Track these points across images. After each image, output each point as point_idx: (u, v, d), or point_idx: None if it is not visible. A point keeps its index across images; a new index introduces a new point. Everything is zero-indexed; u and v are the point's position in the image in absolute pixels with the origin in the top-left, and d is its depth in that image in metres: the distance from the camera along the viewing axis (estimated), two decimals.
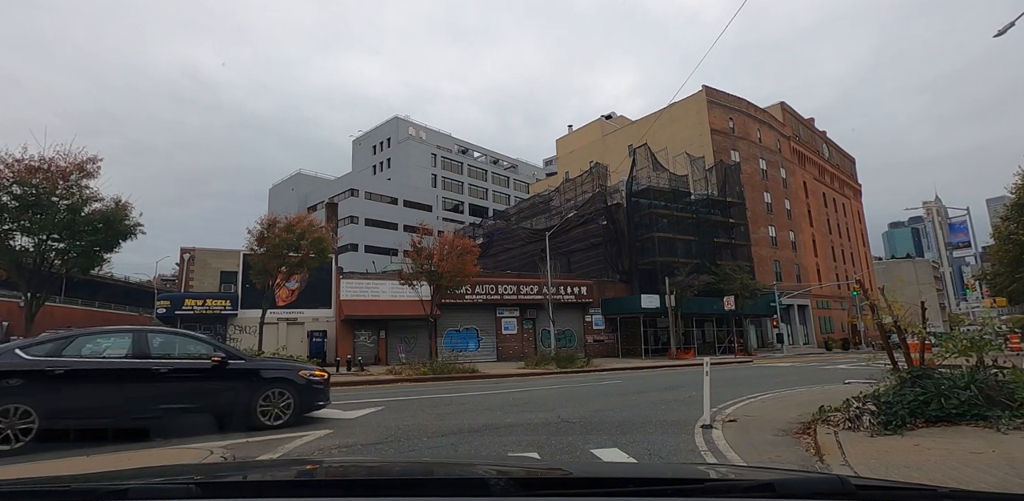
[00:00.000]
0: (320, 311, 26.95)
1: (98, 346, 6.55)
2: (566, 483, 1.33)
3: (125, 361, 6.31)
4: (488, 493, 1.12)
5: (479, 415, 7.56)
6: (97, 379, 6.11)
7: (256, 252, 13.59)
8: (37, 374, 5.85)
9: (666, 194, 36.76)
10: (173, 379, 6.38)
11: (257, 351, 13.14)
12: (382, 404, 8.89)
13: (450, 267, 16.98)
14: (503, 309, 30.09)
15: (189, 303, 23.66)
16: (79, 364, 6.08)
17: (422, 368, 15.17)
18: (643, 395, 9.93)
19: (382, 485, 1.28)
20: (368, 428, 6.64)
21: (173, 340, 7.14)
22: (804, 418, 6.45)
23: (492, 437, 5.85)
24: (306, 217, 14.29)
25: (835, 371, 16.11)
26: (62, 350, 6.15)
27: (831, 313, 51.53)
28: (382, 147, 71.64)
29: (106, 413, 6.01)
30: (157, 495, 1.15)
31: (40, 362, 5.93)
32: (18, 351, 6.04)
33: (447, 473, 1.56)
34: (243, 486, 1.26)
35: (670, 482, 1.19)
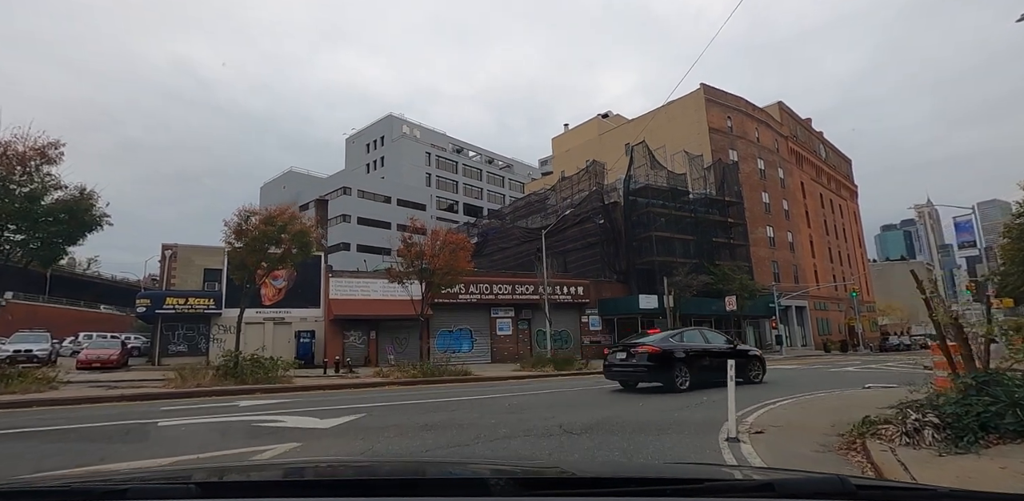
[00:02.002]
0: (308, 310, 26.03)
1: (691, 338, 12.23)
2: (566, 483, 1.32)
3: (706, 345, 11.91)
4: (488, 493, 1.10)
5: (471, 424, 6.74)
6: (700, 354, 11.45)
7: (234, 246, 12.72)
8: (683, 351, 11.22)
9: (664, 193, 36.09)
10: (720, 356, 10.68)
11: (235, 352, 12.25)
12: (364, 411, 8.05)
13: (442, 263, 16.11)
14: (498, 309, 29.27)
15: (171, 301, 22.68)
16: (690, 348, 11.47)
17: (412, 370, 14.30)
18: (648, 400, 9.14)
19: (383, 485, 1.25)
20: (343, 440, 5.82)
21: (714, 335, 13.23)
22: (840, 428, 5.68)
23: (485, 450, 5.08)
24: (288, 209, 13.43)
25: (846, 375, 15.40)
26: (681, 340, 11.84)
27: (828, 315, 51.04)
28: (376, 145, 70.70)
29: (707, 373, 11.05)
30: (157, 495, 1.13)
31: (682, 347, 11.36)
32: (671, 340, 11.73)
33: (448, 473, 1.54)
34: (243, 486, 1.25)
35: (670, 482, 1.19)
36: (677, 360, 10.91)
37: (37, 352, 21.11)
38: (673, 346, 11.21)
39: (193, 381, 10.82)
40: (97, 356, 20.92)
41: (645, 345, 11.13)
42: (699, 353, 11.37)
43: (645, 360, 10.77)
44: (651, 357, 10.76)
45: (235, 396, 10.30)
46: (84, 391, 10.81)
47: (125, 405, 9.42)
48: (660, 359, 10.77)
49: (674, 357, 10.93)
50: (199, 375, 11.35)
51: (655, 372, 10.81)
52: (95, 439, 6.01)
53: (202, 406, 8.82)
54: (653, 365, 10.72)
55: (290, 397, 10.40)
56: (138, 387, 11.51)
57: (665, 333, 12.70)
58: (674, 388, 10.54)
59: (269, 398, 10.10)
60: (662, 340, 11.59)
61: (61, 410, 8.65)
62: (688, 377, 10.82)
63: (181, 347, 23.44)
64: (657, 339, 11.77)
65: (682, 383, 10.70)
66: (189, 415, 7.71)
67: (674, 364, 10.83)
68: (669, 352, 10.97)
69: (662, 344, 11.20)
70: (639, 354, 10.92)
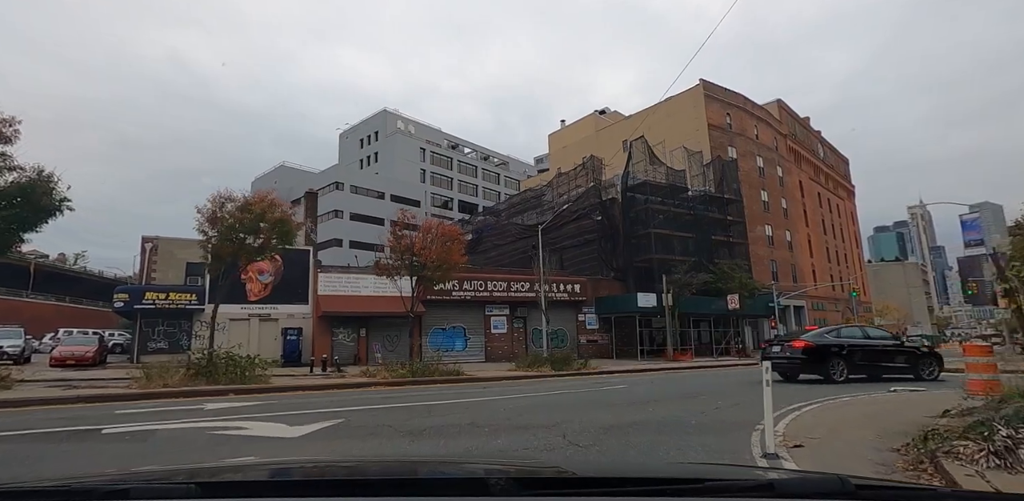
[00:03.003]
0: (296, 307, 25.10)
1: (850, 333, 12.65)
2: (566, 483, 1.32)
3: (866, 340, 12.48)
4: (488, 493, 1.09)
5: (461, 432, 5.91)
6: (859, 349, 12.09)
7: (208, 235, 11.79)
8: (840, 346, 11.91)
9: (663, 189, 35.34)
10: (884, 351, 12.27)
11: (207, 350, 11.34)
12: (343, 416, 7.19)
13: (433, 256, 15.19)
14: (492, 307, 28.44)
15: (150, 296, 21.68)
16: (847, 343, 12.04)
17: (400, 370, 13.40)
18: (659, 405, 8.32)
19: (383, 484, 1.25)
20: (311, 453, 4.98)
21: (878, 331, 13.80)
22: (890, 441, 4.89)
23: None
24: (267, 195, 12.47)
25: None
26: (838, 335, 12.37)
27: (826, 315, 50.50)
28: (369, 141, 69.65)
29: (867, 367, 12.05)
30: (157, 495, 1.13)
31: (837, 342, 12.02)
32: (826, 335, 12.33)
33: (448, 472, 1.52)
34: (243, 486, 1.24)
35: (670, 482, 1.19)
36: (832, 354, 11.72)
37: (7, 348, 20.08)
38: (827, 341, 11.98)
39: (160, 381, 9.92)
40: (71, 353, 19.90)
41: (797, 340, 12.15)
42: (857, 348, 12.04)
43: (798, 354, 11.74)
44: (804, 351, 11.70)
45: (204, 398, 9.41)
46: (39, 391, 9.90)
47: (81, 407, 8.52)
48: (813, 353, 11.67)
49: (829, 351, 11.74)
50: (169, 374, 10.45)
51: (809, 364, 11.78)
52: (17, 452, 5.12)
53: (164, 409, 7.94)
54: (806, 358, 11.66)
55: (265, 399, 9.52)
56: (101, 387, 10.59)
57: (823, 329, 13.47)
58: (831, 379, 11.46)
59: (241, 400, 9.21)
60: (816, 335, 12.46)
61: (1, 414, 7.74)
62: (845, 370, 11.66)
63: (162, 344, 22.46)
64: (811, 334, 12.63)
65: (839, 375, 11.57)
66: (143, 420, 6.83)
67: (829, 358, 11.65)
68: (822, 346, 11.78)
69: (815, 339, 12.08)
70: (792, 348, 11.95)
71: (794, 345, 12.01)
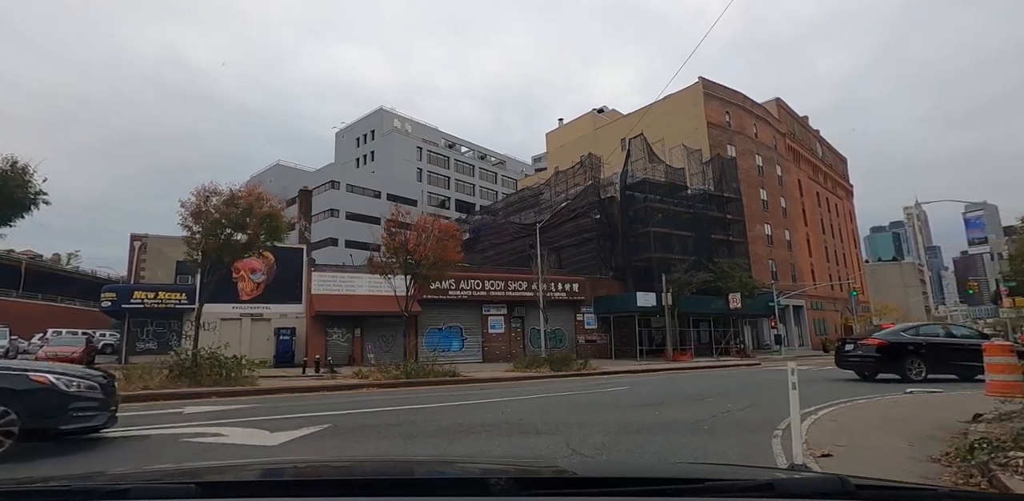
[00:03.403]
0: (289, 306, 24.60)
1: (929, 331, 12.37)
2: (566, 483, 1.32)
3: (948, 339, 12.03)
4: (488, 492, 1.09)
5: (455, 441, 5.45)
6: (939, 347, 11.70)
7: (192, 230, 11.28)
8: (917, 344, 11.64)
9: (662, 187, 34.94)
10: (970, 350, 10.72)
11: (191, 350, 10.85)
12: (328, 421, 6.72)
13: (428, 253, 14.69)
14: (490, 306, 27.98)
15: (138, 295, 21.15)
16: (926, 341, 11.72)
17: (394, 371, 12.93)
18: (667, 408, 7.88)
19: (384, 484, 1.24)
20: None
21: (961, 328, 13.30)
22: (924, 449, 4.47)
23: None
24: (254, 189, 11.96)
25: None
26: (916, 333, 12.05)
27: (825, 315, 50.24)
28: (366, 140, 69.14)
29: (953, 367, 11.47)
30: (157, 495, 1.13)
31: (914, 340, 11.75)
32: (903, 333, 12.02)
33: (448, 472, 1.52)
34: (243, 486, 1.24)
35: (670, 482, 1.19)
36: (909, 352, 11.42)
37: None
38: (903, 339, 11.68)
39: (140, 383, 9.44)
40: (56, 353, 19.34)
41: (871, 338, 11.96)
42: (938, 346, 11.72)
43: (872, 351, 11.50)
44: (879, 349, 11.45)
45: (186, 400, 8.93)
46: None
47: None
48: (887, 351, 11.40)
49: (905, 349, 11.44)
50: (150, 376, 9.97)
51: (883, 363, 11.51)
52: None
53: (139, 413, 7.46)
54: (880, 357, 11.41)
55: (250, 402, 9.04)
56: None
57: (900, 326, 13.21)
58: (908, 378, 11.12)
59: (224, 403, 8.73)
60: (891, 333, 12.16)
61: None
62: (924, 368, 11.32)
63: (150, 344, 21.93)
64: (886, 332, 12.37)
65: (916, 374, 11.24)
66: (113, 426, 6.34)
67: (905, 356, 11.36)
68: (898, 344, 11.48)
69: (889, 337, 11.78)
70: (865, 346, 11.74)
71: (868, 343, 11.78)
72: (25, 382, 5.05)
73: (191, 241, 11.46)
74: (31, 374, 5.17)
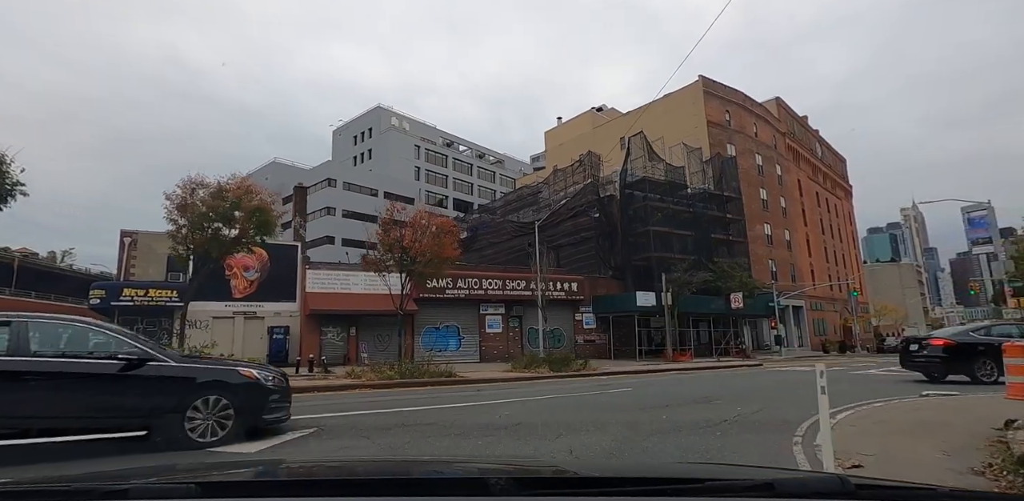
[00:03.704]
0: (283, 304, 24.15)
1: (1002, 331, 11.38)
2: (566, 483, 1.32)
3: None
4: (488, 492, 1.09)
5: (448, 448, 5.04)
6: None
7: (177, 224, 10.81)
8: (988, 345, 10.67)
9: (662, 186, 34.59)
10: None
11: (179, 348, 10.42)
12: (315, 424, 6.31)
13: (424, 250, 14.25)
14: (487, 305, 27.58)
15: (128, 293, 20.68)
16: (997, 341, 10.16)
17: (388, 371, 12.51)
18: (674, 412, 7.49)
19: (384, 484, 1.24)
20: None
21: None
22: (962, 459, 4.09)
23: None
24: (243, 181, 11.49)
25: (876, 378, 13.88)
26: (988, 333, 11.30)
27: (824, 315, 49.97)
28: (363, 138, 68.64)
29: None
30: (157, 495, 1.13)
31: (984, 340, 10.97)
32: (972, 333, 11.44)
33: (448, 472, 1.51)
34: (243, 486, 1.24)
35: (670, 482, 1.20)
36: (979, 352, 10.97)
37: None
38: (972, 339, 11.28)
39: None
40: None
41: (936, 338, 11.66)
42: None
43: (939, 352, 11.15)
44: (945, 349, 11.10)
45: None
46: None
47: None
48: (955, 351, 11.02)
49: (975, 350, 11.01)
50: None
51: (950, 364, 11.12)
52: None
53: None
54: (947, 357, 11.05)
55: None
56: None
57: (968, 326, 13.01)
58: (977, 380, 10.70)
59: None
60: (960, 333, 11.87)
61: None
62: (996, 371, 10.71)
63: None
64: (953, 332, 12.20)
65: (987, 376, 10.77)
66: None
67: (975, 357, 10.94)
68: (966, 344, 11.08)
69: (957, 337, 11.48)
70: (930, 346, 11.40)
71: (933, 343, 11.44)
72: (237, 377, 5.54)
73: (176, 235, 11.00)
74: (241, 369, 5.73)
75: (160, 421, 5.04)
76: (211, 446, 5.07)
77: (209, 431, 5.17)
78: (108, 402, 4.94)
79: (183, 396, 5.15)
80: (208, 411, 5.20)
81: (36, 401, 4.74)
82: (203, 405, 5.19)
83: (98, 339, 5.36)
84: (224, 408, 5.27)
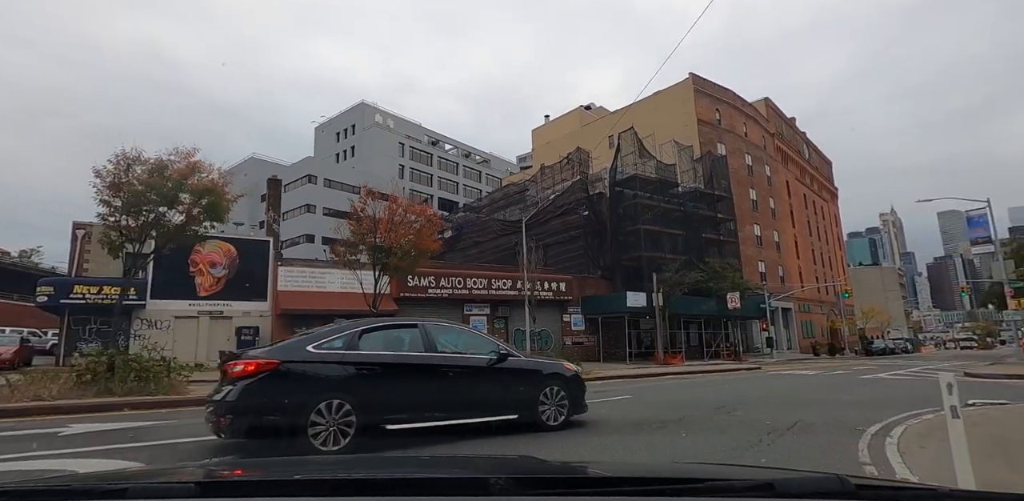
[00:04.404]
0: (252, 303, 22.60)
1: None
2: (566, 483, 1.31)
3: None
4: (488, 493, 1.10)
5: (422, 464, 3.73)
6: None
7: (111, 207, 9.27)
8: None
9: (652, 184, 33.65)
10: None
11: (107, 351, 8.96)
12: (242, 448, 4.96)
13: (400, 239, 12.87)
14: (472, 306, 26.29)
15: (79, 290, 18.99)
16: None
17: None
18: (692, 427, 6.26)
19: (384, 484, 1.24)
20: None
21: None
22: None
23: None
24: (188, 157, 9.95)
25: (889, 382, 12.88)
26: None
27: (812, 317, 49.57)
28: (346, 134, 66.93)
29: None
30: (157, 494, 1.13)
31: None
32: None
33: (448, 472, 1.52)
34: (243, 486, 1.24)
35: (670, 482, 1.20)
36: None
37: None
38: None
39: (31, 391, 7.56)
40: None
41: None
42: None
43: None
44: None
45: (84, 415, 7.09)
46: None
47: None
48: None
49: None
50: (52, 382, 8.09)
51: None
52: None
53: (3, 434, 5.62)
54: None
55: (167, 417, 7.22)
56: None
57: None
58: None
59: (130, 418, 6.90)
60: None
61: None
62: None
63: (93, 344, 19.70)
64: None
65: None
66: None
67: None
68: None
69: None
70: None
71: None
72: (565, 370, 6.52)
73: (108, 219, 9.49)
74: (565, 363, 6.78)
75: (523, 407, 5.80)
76: (556, 430, 5.78)
77: (553, 416, 5.95)
78: (487, 390, 5.71)
79: (536, 386, 5.96)
80: (552, 400, 6.00)
81: (446, 390, 5.46)
82: (550, 394, 6.01)
83: (469, 338, 6.19)
84: (561, 398, 6.08)
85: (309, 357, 4.88)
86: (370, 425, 4.77)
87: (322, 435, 4.55)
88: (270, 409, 4.53)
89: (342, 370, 4.92)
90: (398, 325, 5.94)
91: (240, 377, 4.57)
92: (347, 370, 4.93)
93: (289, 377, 4.70)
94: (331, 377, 4.86)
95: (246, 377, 4.57)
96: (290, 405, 4.55)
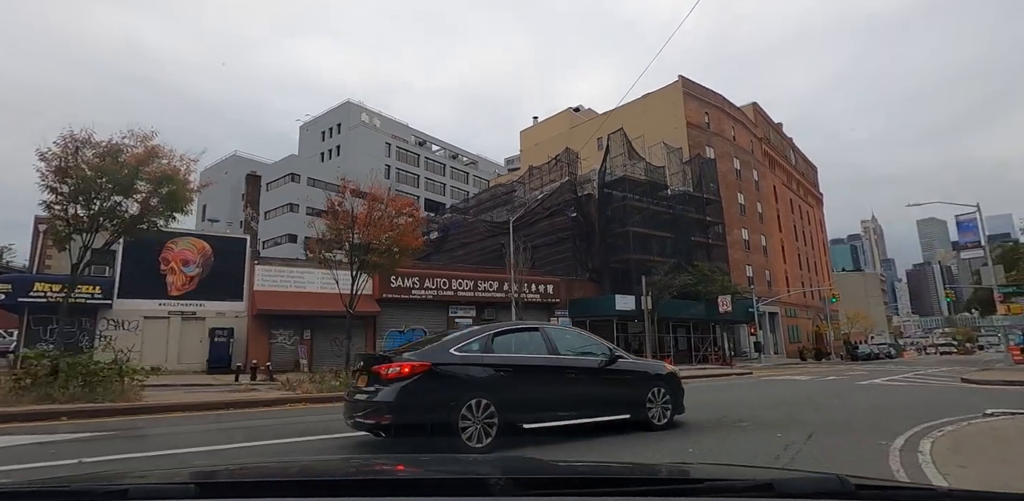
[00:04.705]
0: (227, 304, 21.67)
1: None
2: (566, 483, 1.31)
3: None
4: (488, 493, 1.09)
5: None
6: None
7: (57, 193, 8.41)
8: None
9: (641, 186, 33.29)
10: None
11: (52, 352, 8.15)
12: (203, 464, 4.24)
13: (380, 235, 12.13)
14: (457, 308, 25.59)
15: (41, 288, 17.93)
16: None
17: (332, 380, 10.38)
18: (697, 438, 5.68)
19: (383, 485, 1.24)
20: None
21: None
22: None
23: None
24: (146, 141, 9.06)
25: (887, 389, 12.45)
26: None
27: (798, 321, 49.63)
28: (331, 133, 65.85)
29: None
30: (156, 495, 1.13)
31: None
32: None
33: (448, 473, 1.51)
34: (243, 486, 1.24)
35: (670, 482, 1.19)
36: None
37: None
38: None
39: None
40: None
41: None
42: None
43: None
44: None
45: (15, 424, 6.27)
46: None
47: None
48: None
49: None
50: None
51: None
52: None
53: None
54: None
55: (113, 427, 6.42)
56: None
57: None
58: None
59: (70, 429, 6.10)
60: None
61: None
62: None
63: (52, 346, 18.62)
64: None
65: None
66: None
67: None
68: None
69: None
70: None
71: None
72: (665, 369, 6.74)
73: (54, 208, 8.62)
74: (665, 363, 7.14)
75: (633, 407, 5.95)
76: (662, 429, 5.95)
77: (659, 416, 6.08)
78: (602, 391, 5.88)
79: (644, 386, 6.12)
80: (658, 400, 6.13)
81: (570, 390, 5.67)
82: (656, 394, 6.14)
83: (582, 340, 6.34)
84: (666, 399, 6.20)
85: (454, 359, 5.15)
86: (509, 424, 5.00)
87: (470, 432, 4.80)
88: (426, 408, 4.81)
89: (482, 371, 5.18)
90: (523, 328, 6.28)
91: (396, 378, 4.82)
92: (487, 371, 5.19)
93: (441, 378, 4.98)
94: (475, 378, 5.12)
95: (402, 378, 4.82)
96: (443, 404, 4.81)
